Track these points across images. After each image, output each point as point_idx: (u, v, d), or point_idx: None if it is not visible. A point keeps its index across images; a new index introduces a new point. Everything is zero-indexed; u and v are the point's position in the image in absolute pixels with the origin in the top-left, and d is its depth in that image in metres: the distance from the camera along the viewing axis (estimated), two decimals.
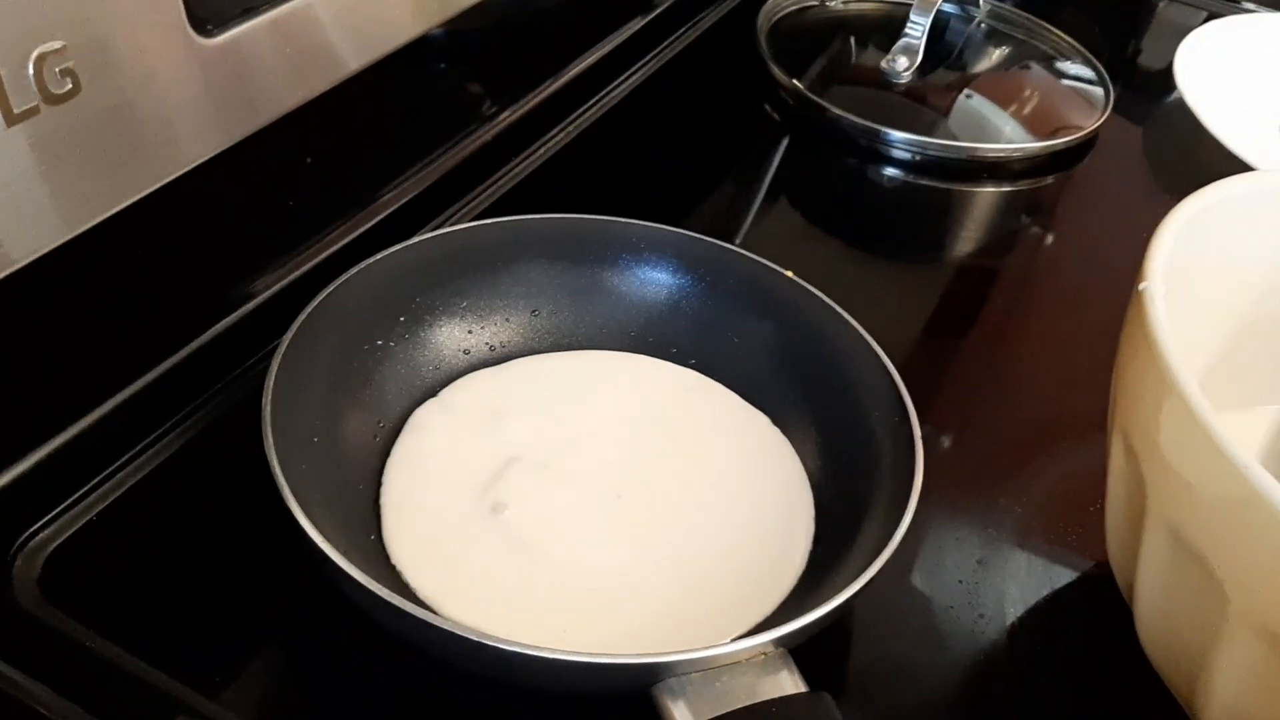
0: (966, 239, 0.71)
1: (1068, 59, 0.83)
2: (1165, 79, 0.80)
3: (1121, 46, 0.91)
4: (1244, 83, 0.79)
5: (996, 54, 0.85)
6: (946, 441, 0.55)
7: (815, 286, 0.51)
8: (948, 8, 0.84)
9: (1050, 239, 0.71)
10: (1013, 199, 0.74)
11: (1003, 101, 0.80)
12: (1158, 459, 0.38)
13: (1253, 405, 0.48)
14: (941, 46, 0.84)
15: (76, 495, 0.44)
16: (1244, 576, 0.35)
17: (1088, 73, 0.82)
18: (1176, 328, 0.38)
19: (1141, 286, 0.39)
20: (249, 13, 0.43)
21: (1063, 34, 0.84)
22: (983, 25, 0.86)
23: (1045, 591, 0.48)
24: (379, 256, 0.49)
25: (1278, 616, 0.34)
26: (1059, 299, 0.66)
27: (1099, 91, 0.80)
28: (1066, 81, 0.82)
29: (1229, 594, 0.35)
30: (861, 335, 0.49)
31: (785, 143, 0.75)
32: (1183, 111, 0.75)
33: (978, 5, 0.86)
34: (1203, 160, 0.73)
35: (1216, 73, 0.78)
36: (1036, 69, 0.83)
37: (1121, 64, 0.89)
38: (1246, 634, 0.35)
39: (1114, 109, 0.78)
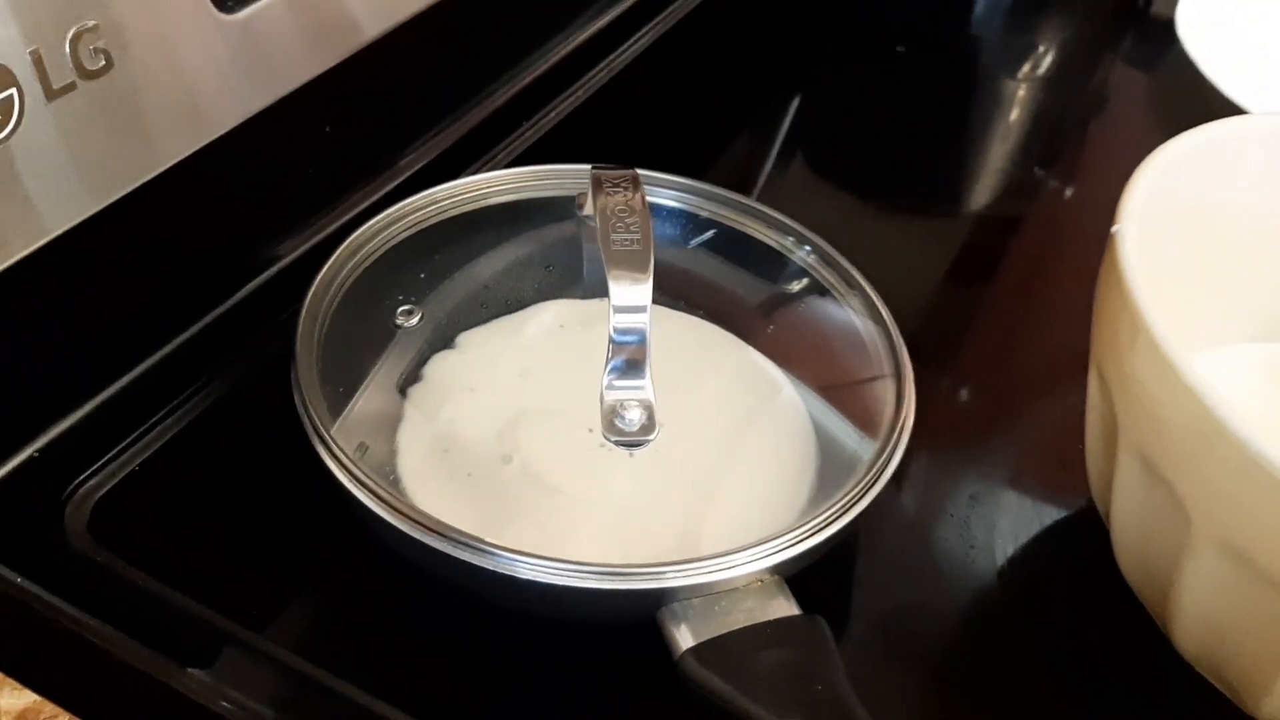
0: (980, 191, 0.72)
1: None
2: (1172, 28, 0.80)
3: None
4: (1241, 30, 0.80)
5: None
6: (943, 383, 0.57)
7: (825, 239, 0.52)
8: None
9: (1069, 192, 0.72)
10: (1026, 150, 0.75)
11: None
12: (1130, 393, 0.40)
13: (1225, 343, 0.50)
14: None
15: (120, 446, 0.46)
16: (1205, 499, 0.37)
17: None
18: (1154, 267, 0.40)
19: (1114, 229, 0.41)
20: None
21: None
22: None
23: (1036, 529, 0.50)
24: (391, 211, 0.51)
25: (1234, 533, 0.36)
26: (1063, 245, 0.68)
27: None
28: None
29: (1191, 515, 0.38)
30: (868, 294, 0.50)
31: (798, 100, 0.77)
32: (1185, 60, 0.76)
33: None
34: (1203, 108, 0.73)
35: (1215, 20, 0.79)
36: None
37: (1133, 11, 0.89)
38: (1208, 549, 0.38)
39: (1122, 59, 0.78)
